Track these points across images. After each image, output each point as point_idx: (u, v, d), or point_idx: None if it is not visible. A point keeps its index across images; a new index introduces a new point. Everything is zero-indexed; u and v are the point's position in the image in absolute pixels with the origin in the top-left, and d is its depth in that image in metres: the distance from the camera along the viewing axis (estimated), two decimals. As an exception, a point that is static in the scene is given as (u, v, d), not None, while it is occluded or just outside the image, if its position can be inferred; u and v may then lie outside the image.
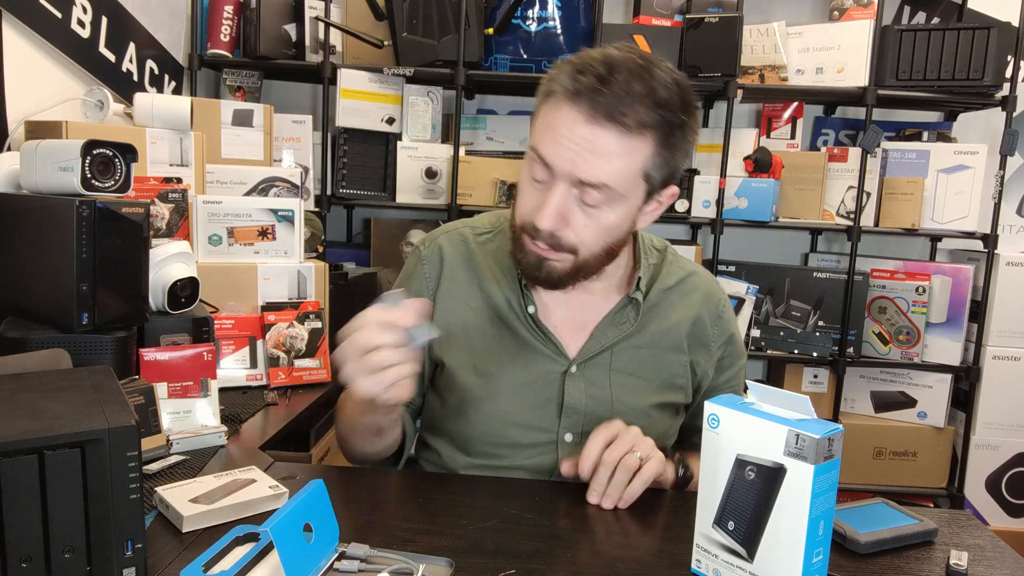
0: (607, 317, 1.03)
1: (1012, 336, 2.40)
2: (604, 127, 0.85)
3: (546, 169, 0.89)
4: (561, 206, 0.89)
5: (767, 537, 0.68)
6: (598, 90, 0.83)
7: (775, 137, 2.52)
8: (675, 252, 1.12)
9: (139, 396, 0.97)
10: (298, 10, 2.24)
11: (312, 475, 0.96)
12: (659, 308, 1.06)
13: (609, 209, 0.90)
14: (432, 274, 1.07)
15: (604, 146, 0.85)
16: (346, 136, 2.24)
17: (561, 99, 0.87)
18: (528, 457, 1.02)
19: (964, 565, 0.78)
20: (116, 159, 1.10)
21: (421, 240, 1.12)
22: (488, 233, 1.09)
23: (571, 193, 0.89)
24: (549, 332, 1.02)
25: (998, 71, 2.16)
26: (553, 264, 0.94)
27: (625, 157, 0.87)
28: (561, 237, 0.91)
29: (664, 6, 2.33)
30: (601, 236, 0.92)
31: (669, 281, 1.07)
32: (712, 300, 1.09)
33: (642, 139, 0.86)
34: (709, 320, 1.08)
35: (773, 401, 0.71)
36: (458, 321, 1.04)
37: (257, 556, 0.69)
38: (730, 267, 2.39)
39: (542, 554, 0.77)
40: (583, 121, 0.85)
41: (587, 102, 0.84)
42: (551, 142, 0.87)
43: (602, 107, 0.84)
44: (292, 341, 1.47)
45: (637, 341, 1.04)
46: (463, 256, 1.07)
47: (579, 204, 0.90)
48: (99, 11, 1.67)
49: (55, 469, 0.62)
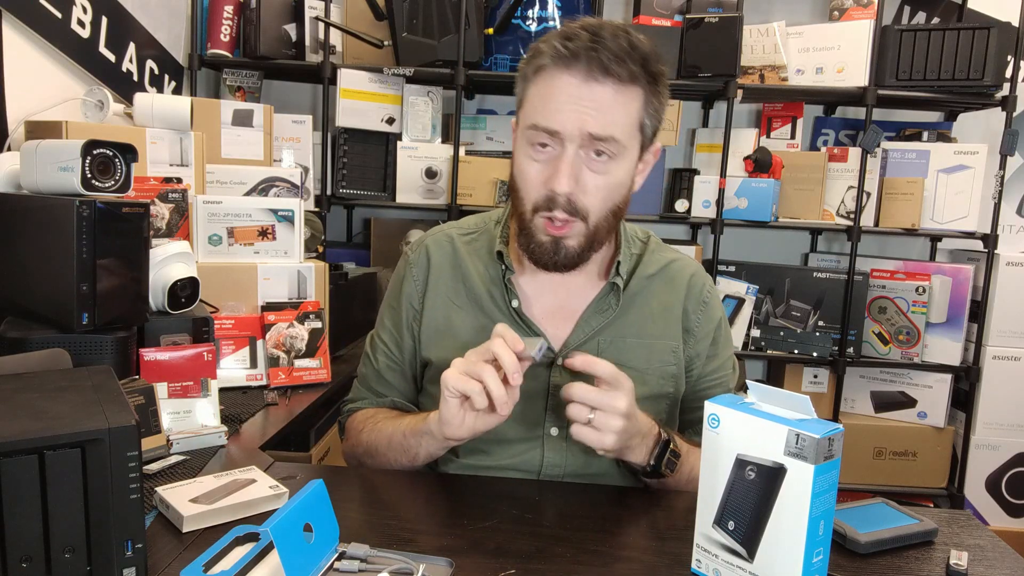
0: (591, 305, 1.04)
1: (1012, 336, 2.40)
2: (602, 83, 0.90)
3: (552, 138, 0.92)
4: (575, 167, 0.92)
5: (767, 537, 0.69)
6: (592, 48, 0.89)
7: (775, 137, 2.52)
8: (658, 241, 1.14)
9: (139, 396, 0.97)
10: (298, 10, 2.24)
11: (312, 475, 0.96)
12: (642, 296, 1.06)
13: (615, 165, 0.94)
14: (420, 277, 1.09)
15: (605, 100, 0.90)
16: (346, 136, 2.24)
17: (553, 70, 0.92)
18: (515, 455, 1.02)
19: (964, 565, 0.78)
20: (116, 159, 1.10)
21: (409, 244, 1.14)
22: (473, 233, 1.11)
23: (580, 156, 0.93)
24: (533, 324, 1.03)
25: (998, 71, 2.16)
26: (568, 243, 0.96)
27: (624, 108, 0.92)
28: (576, 202, 0.94)
29: (664, 6, 2.33)
30: (609, 196, 0.96)
31: (651, 268, 1.08)
32: (696, 286, 1.10)
33: (635, 90, 0.92)
34: (693, 306, 1.09)
35: (773, 401, 0.71)
36: (444, 319, 1.06)
37: (257, 556, 0.69)
38: (730, 267, 2.39)
39: (542, 554, 0.77)
40: (581, 82, 0.90)
41: (582, 63, 0.89)
42: (554, 111, 0.91)
43: (597, 64, 0.89)
44: (292, 341, 1.47)
45: (623, 330, 1.04)
46: (449, 257, 1.09)
47: (586, 164, 0.93)
48: (99, 11, 1.67)
49: (55, 469, 0.62)
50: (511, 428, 1.01)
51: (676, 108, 2.30)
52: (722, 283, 2.38)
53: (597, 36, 0.90)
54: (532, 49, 0.95)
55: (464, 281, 1.07)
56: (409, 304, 1.09)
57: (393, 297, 1.13)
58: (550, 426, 1.02)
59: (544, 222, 0.96)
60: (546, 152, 0.94)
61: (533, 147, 0.95)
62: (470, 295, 1.06)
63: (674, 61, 2.21)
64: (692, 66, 2.19)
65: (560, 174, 0.92)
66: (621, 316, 1.05)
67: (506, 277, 1.04)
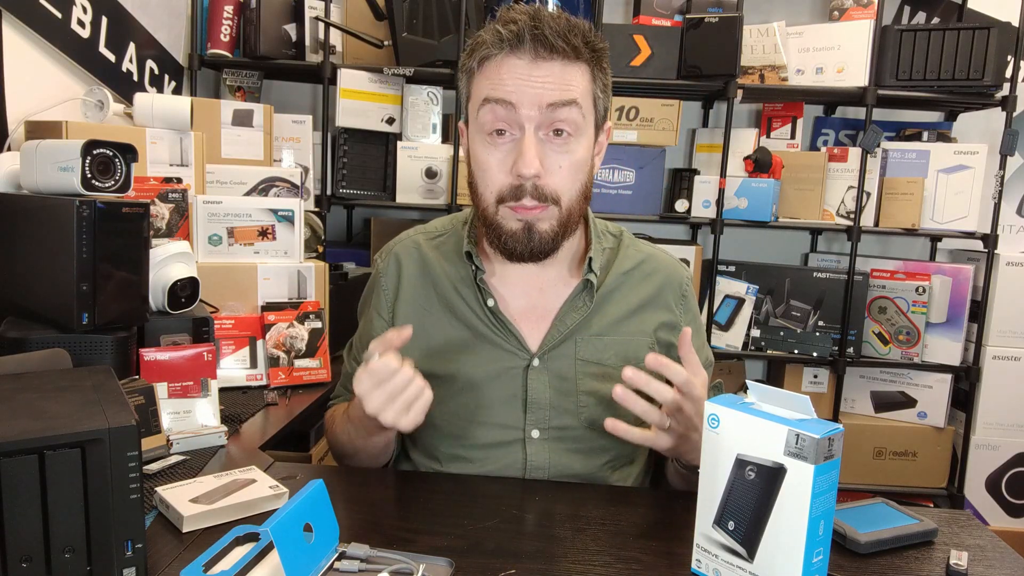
0: (566, 303, 1.03)
1: (1012, 336, 2.40)
2: (548, 59, 0.92)
3: (510, 122, 0.93)
4: (538, 148, 0.92)
5: (767, 537, 0.69)
6: (535, 27, 0.91)
7: (775, 137, 2.52)
8: (632, 237, 1.13)
9: (139, 396, 0.97)
10: (298, 10, 2.24)
11: (312, 475, 0.96)
12: (619, 292, 1.05)
13: (576, 143, 0.95)
14: (389, 286, 1.08)
15: (556, 72, 0.92)
16: (346, 136, 2.24)
17: (499, 57, 0.93)
18: (497, 459, 1.01)
19: (964, 565, 0.78)
20: (116, 159, 1.10)
21: (379, 252, 1.14)
22: (441, 236, 1.10)
23: (541, 136, 0.93)
24: (509, 324, 1.01)
25: (998, 71, 2.16)
26: (541, 227, 0.95)
27: (576, 78, 0.93)
28: (544, 186, 0.93)
29: (664, 6, 2.34)
30: (576, 176, 0.96)
31: (627, 264, 1.07)
32: (674, 280, 1.09)
33: (582, 65, 0.94)
34: (673, 300, 1.08)
35: (773, 401, 0.71)
36: (417, 326, 1.03)
37: (257, 556, 0.69)
38: (730, 267, 2.39)
39: (542, 554, 0.77)
40: (528, 63, 0.92)
41: (527, 44, 0.91)
42: (509, 92, 0.92)
43: (542, 43, 0.91)
44: (292, 341, 1.47)
45: (600, 327, 1.03)
46: (417, 262, 1.08)
47: (549, 145, 0.94)
48: (99, 11, 1.67)
49: (55, 469, 0.62)
50: (490, 432, 1.01)
51: (676, 108, 2.30)
52: (722, 283, 2.38)
53: (536, 18, 0.91)
54: (472, 43, 0.96)
55: (434, 286, 1.06)
56: (378, 315, 1.08)
57: (365, 306, 1.14)
58: (531, 429, 1.01)
59: (511, 209, 0.95)
60: (505, 138, 0.94)
61: (491, 136, 0.94)
62: (441, 299, 1.05)
63: (674, 61, 2.21)
64: (692, 66, 2.19)
65: (524, 156, 0.91)
66: (597, 312, 1.03)
67: (478, 277, 1.02)
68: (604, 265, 1.06)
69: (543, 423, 1.01)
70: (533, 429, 1.01)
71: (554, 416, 1.00)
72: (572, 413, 1.01)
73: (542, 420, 1.01)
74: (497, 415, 1.01)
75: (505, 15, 0.94)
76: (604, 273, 1.05)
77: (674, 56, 2.20)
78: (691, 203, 2.34)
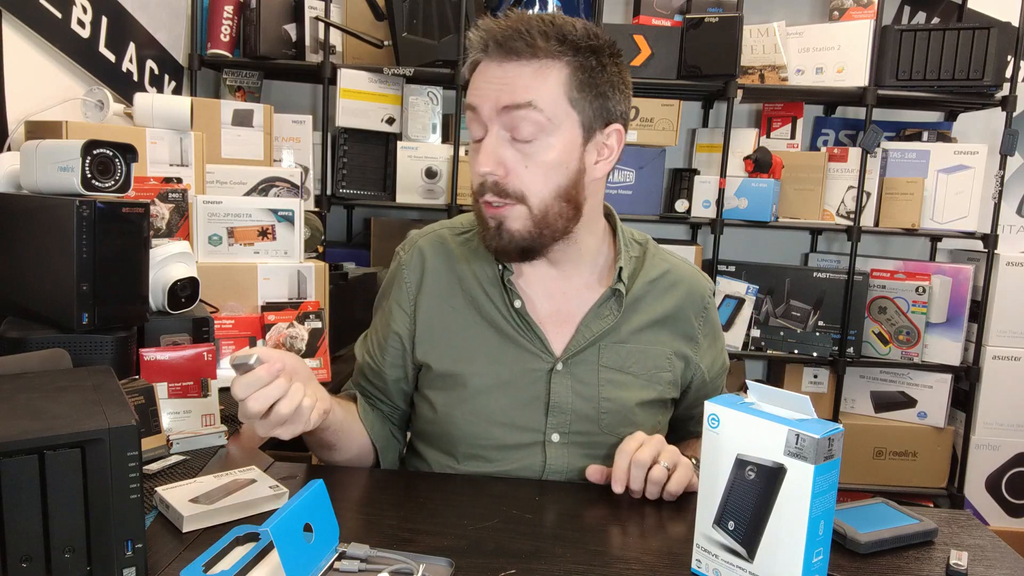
0: (592, 310, 1.03)
1: (1012, 336, 2.40)
2: (511, 60, 0.92)
3: (478, 123, 0.95)
4: (494, 147, 0.93)
5: (767, 537, 0.69)
6: (507, 30, 0.92)
7: (775, 137, 2.52)
8: (656, 245, 1.13)
9: (139, 396, 0.97)
10: (298, 10, 2.24)
11: (312, 475, 0.96)
12: (644, 300, 1.06)
13: (544, 144, 0.93)
14: (412, 279, 1.07)
15: (515, 75, 0.92)
16: (346, 136, 2.24)
17: (479, 62, 0.95)
18: (515, 460, 1.01)
19: (964, 565, 0.78)
20: (116, 159, 1.10)
21: (402, 244, 1.12)
22: (467, 232, 1.09)
23: (502, 136, 0.93)
24: (535, 326, 1.01)
25: (998, 71, 2.16)
26: (510, 224, 0.95)
27: (538, 79, 0.91)
28: (506, 184, 0.93)
29: (664, 6, 2.34)
30: (545, 177, 0.94)
31: (653, 273, 1.07)
32: (697, 292, 1.09)
33: (554, 64, 0.92)
34: (694, 312, 1.08)
35: (773, 401, 0.71)
36: (439, 321, 1.04)
37: (257, 556, 0.69)
38: (730, 267, 2.39)
39: (542, 554, 0.77)
40: (495, 65, 0.93)
41: (496, 48, 0.92)
42: (475, 96, 0.94)
43: (509, 46, 0.91)
44: (292, 341, 1.47)
45: (624, 335, 1.04)
46: (443, 257, 1.07)
47: (512, 144, 0.93)
48: (99, 11, 1.67)
49: (55, 469, 0.62)
50: (510, 434, 1.01)
51: (676, 108, 2.30)
52: (722, 283, 2.38)
53: (516, 22, 0.92)
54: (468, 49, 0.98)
55: (460, 282, 1.05)
56: (398, 307, 1.07)
57: (384, 298, 1.12)
58: (551, 432, 1.01)
59: (484, 206, 0.96)
60: (479, 140, 0.96)
61: (473, 140, 0.97)
62: (466, 296, 1.04)
63: (674, 61, 2.21)
64: (692, 66, 2.19)
65: (479, 155, 0.94)
66: (623, 321, 1.04)
67: (505, 277, 1.02)
68: (631, 274, 1.06)
69: (564, 427, 1.01)
70: (554, 433, 1.01)
71: (575, 421, 1.01)
72: (592, 419, 1.01)
73: (563, 424, 1.01)
74: (518, 417, 1.01)
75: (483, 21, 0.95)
76: (631, 282, 1.05)
77: (674, 56, 2.20)
78: (691, 203, 2.34)
